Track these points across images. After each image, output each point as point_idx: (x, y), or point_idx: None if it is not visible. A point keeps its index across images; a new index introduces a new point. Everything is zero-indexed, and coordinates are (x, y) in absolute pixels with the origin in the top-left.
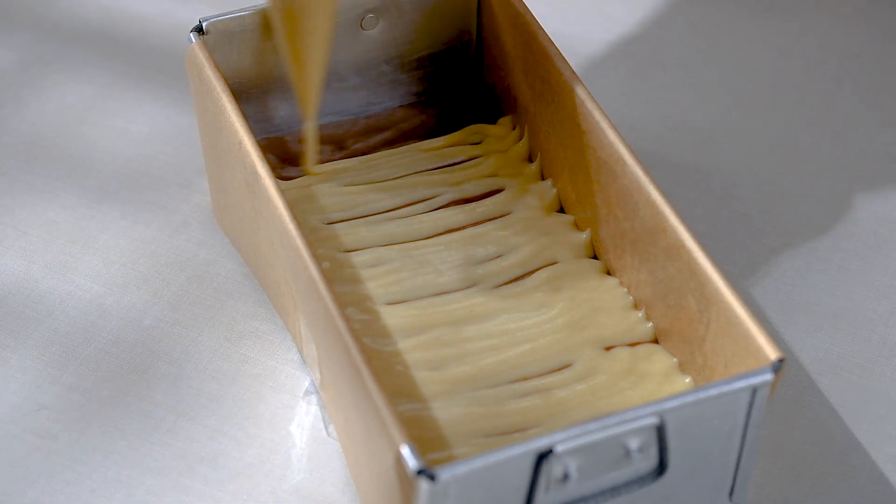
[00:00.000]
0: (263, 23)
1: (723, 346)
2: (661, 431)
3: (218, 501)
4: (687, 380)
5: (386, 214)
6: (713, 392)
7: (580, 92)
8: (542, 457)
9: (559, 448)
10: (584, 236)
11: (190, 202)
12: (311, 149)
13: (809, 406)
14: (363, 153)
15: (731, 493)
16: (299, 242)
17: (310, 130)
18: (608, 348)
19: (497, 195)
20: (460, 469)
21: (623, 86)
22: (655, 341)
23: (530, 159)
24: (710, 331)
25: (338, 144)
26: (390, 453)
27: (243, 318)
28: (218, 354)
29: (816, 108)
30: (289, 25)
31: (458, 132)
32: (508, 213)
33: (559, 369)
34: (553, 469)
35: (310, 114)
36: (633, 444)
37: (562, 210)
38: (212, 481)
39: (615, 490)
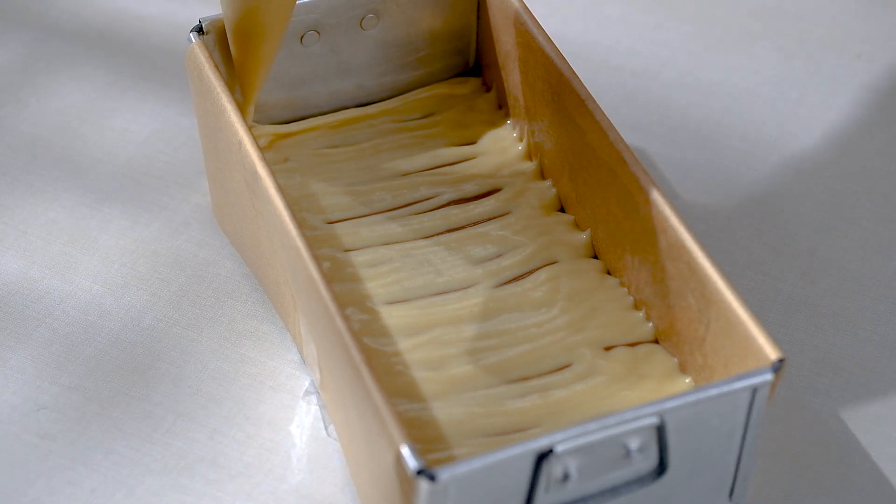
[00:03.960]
0: None
1: (723, 347)
2: (661, 431)
3: (218, 501)
4: (687, 380)
5: (386, 214)
6: (713, 392)
7: (580, 92)
8: (542, 457)
9: (559, 448)
10: (584, 236)
11: (190, 202)
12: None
13: (809, 406)
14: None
15: (731, 494)
16: (299, 242)
17: (246, 107)
18: (608, 348)
19: (497, 195)
20: (460, 469)
21: (623, 86)
22: (655, 341)
23: (530, 159)
24: (710, 331)
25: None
26: (390, 453)
27: (243, 318)
28: (218, 354)
29: (816, 108)
30: (241, 37)
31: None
32: (508, 213)
33: (559, 369)
34: (553, 469)
35: (249, 96)
36: (633, 444)
37: (562, 210)
38: (212, 481)
39: (615, 490)
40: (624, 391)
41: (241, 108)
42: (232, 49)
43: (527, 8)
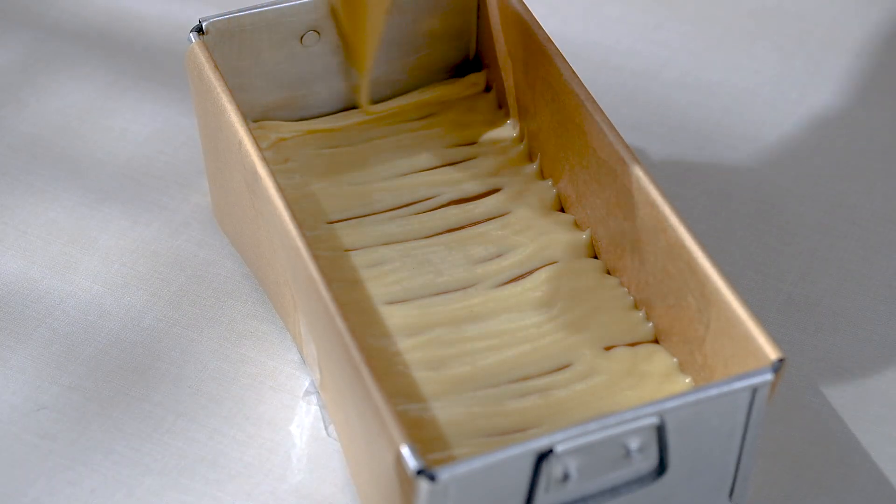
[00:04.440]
0: (263, 23)
1: (723, 346)
2: (661, 431)
3: (218, 501)
4: (687, 380)
5: (386, 214)
6: (713, 392)
7: (580, 92)
8: (542, 457)
9: (559, 448)
10: (584, 236)
11: (190, 202)
12: (363, 95)
13: (809, 406)
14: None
15: (731, 494)
16: (299, 242)
17: (364, 82)
18: (608, 348)
19: (497, 195)
20: (460, 469)
21: (623, 86)
22: (655, 341)
23: (530, 159)
24: (710, 331)
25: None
26: (390, 453)
27: (243, 318)
28: (218, 354)
29: (816, 108)
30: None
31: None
32: (508, 213)
33: (559, 369)
34: (553, 469)
35: (364, 68)
36: (633, 444)
37: (562, 210)
38: (212, 481)
39: (615, 490)
40: (624, 391)
41: (358, 85)
42: (342, 16)
43: (527, 8)
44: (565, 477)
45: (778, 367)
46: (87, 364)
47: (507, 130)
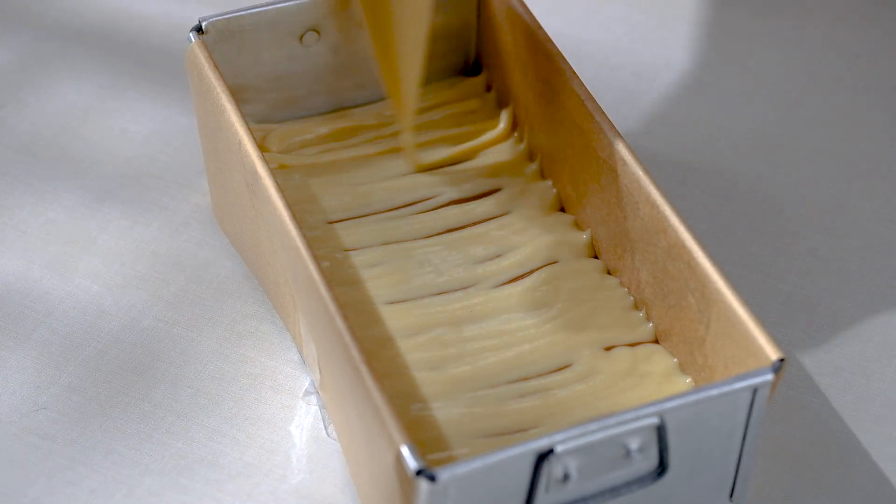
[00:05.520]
0: (263, 23)
1: (723, 347)
2: (661, 431)
3: (218, 501)
4: (687, 380)
5: (386, 214)
6: (713, 392)
7: (580, 92)
8: (542, 457)
9: (559, 448)
10: (584, 236)
11: (190, 202)
12: (408, 152)
13: (809, 406)
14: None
15: (731, 494)
16: (299, 242)
17: (406, 133)
18: (608, 348)
19: (497, 195)
20: (460, 469)
21: (623, 86)
22: (655, 341)
23: (530, 159)
24: (710, 331)
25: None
26: (390, 453)
27: (243, 318)
28: (218, 355)
29: (816, 108)
30: (380, 36)
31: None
32: (508, 213)
33: (559, 369)
34: (553, 469)
35: (406, 118)
36: (634, 444)
37: (562, 210)
38: (211, 481)
39: (615, 490)
40: (624, 391)
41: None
42: (378, 57)
43: (527, 8)
44: (565, 477)
45: (778, 367)
46: (86, 364)
47: (507, 130)
